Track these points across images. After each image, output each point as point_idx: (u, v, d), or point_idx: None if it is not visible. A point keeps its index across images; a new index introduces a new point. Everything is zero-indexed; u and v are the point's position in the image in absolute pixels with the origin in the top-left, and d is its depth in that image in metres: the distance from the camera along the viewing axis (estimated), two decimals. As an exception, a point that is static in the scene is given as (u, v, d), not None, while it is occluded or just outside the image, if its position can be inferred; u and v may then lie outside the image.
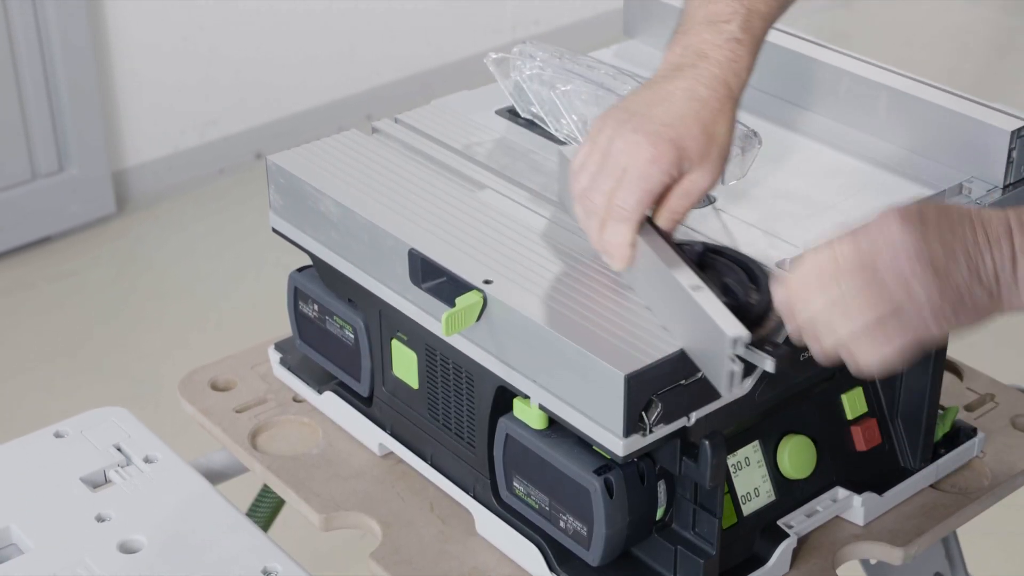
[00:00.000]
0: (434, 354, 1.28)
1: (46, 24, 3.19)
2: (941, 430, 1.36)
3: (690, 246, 1.18)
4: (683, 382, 1.10)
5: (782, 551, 1.23)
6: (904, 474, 1.33)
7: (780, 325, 1.10)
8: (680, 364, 1.10)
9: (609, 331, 1.12)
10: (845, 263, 1.02)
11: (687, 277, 1.11)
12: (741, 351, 1.06)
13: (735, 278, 1.16)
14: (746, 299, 1.13)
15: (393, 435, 1.37)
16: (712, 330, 1.07)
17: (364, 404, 1.40)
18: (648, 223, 1.17)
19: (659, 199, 1.16)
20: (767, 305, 1.11)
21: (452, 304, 1.19)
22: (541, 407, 1.16)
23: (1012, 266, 1.02)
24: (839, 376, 1.29)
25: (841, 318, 1.02)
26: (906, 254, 1.00)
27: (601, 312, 1.14)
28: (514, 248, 1.23)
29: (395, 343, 1.32)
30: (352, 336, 1.36)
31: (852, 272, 1.01)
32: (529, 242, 1.24)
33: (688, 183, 1.15)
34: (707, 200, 1.28)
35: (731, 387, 1.07)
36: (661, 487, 1.18)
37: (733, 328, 1.06)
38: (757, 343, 1.09)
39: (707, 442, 1.14)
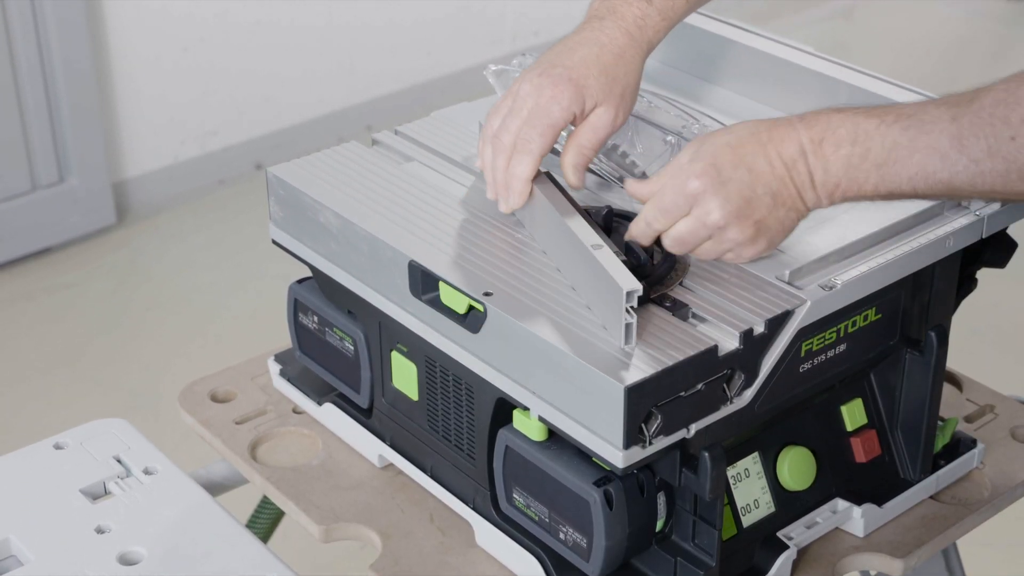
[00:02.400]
0: (434, 366, 1.28)
1: (46, 35, 3.19)
2: (941, 441, 1.36)
3: (596, 210, 1.25)
4: (683, 394, 1.10)
5: (782, 562, 1.23)
6: (904, 485, 1.33)
7: (680, 280, 1.19)
8: (680, 376, 1.10)
9: (609, 343, 1.12)
10: (664, 217, 1.18)
11: (586, 233, 1.17)
12: (635, 303, 1.10)
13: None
14: (648, 259, 1.19)
15: (393, 446, 1.37)
16: (609, 284, 1.11)
17: (364, 415, 1.40)
18: (552, 183, 1.25)
19: (571, 136, 1.26)
20: (669, 265, 1.19)
21: (452, 316, 1.20)
22: (541, 419, 1.17)
23: (811, 182, 1.14)
24: (839, 388, 1.29)
25: (677, 246, 1.18)
26: (712, 212, 1.14)
27: (601, 324, 1.14)
28: (514, 260, 1.23)
29: (395, 355, 1.32)
30: (352, 348, 1.36)
31: (670, 219, 1.18)
32: (529, 254, 1.24)
33: (593, 118, 1.25)
34: (638, 174, 1.32)
35: (628, 340, 1.10)
36: (661, 499, 1.18)
37: (628, 282, 1.10)
38: (659, 299, 1.16)
39: (707, 454, 1.14)
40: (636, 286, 1.10)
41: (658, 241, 1.23)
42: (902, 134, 1.12)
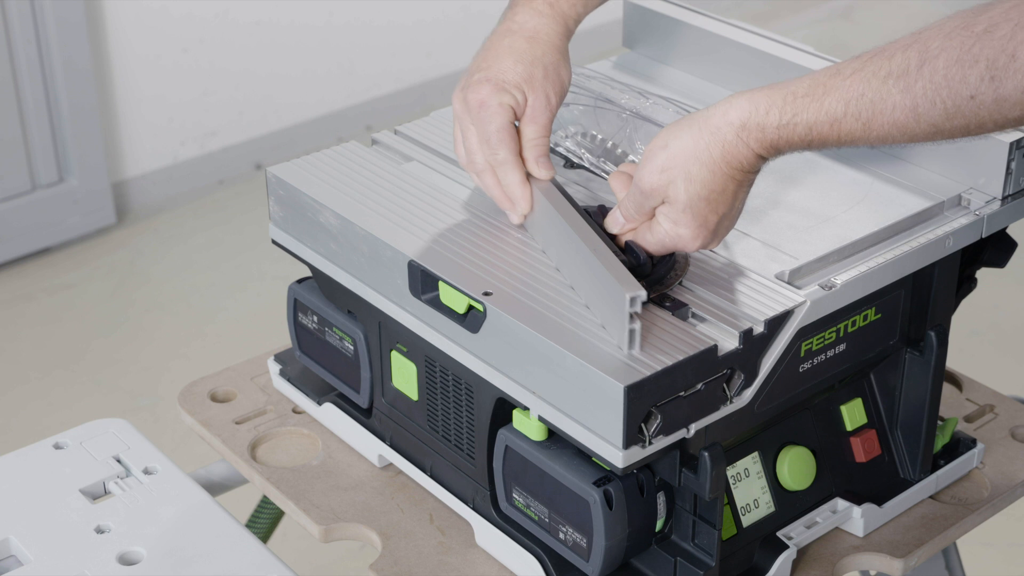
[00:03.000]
0: (434, 365, 1.28)
1: (46, 35, 3.20)
2: (941, 441, 1.36)
3: (588, 207, 1.24)
4: (682, 394, 1.10)
5: (782, 562, 1.23)
6: (904, 485, 1.33)
7: (679, 280, 1.19)
8: (680, 376, 1.10)
9: (608, 343, 1.12)
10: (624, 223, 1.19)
11: (588, 235, 1.17)
12: (638, 309, 1.09)
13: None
14: (647, 259, 1.18)
15: (392, 446, 1.37)
16: (611, 288, 1.11)
17: (364, 415, 1.40)
18: (553, 185, 1.25)
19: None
20: (669, 265, 1.19)
21: (452, 315, 1.20)
22: (540, 419, 1.17)
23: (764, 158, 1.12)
24: (839, 387, 1.29)
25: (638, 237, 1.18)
26: (680, 222, 1.15)
27: (600, 324, 1.14)
28: (513, 260, 1.23)
29: (395, 354, 1.32)
30: (352, 347, 1.36)
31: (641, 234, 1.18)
32: (528, 254, 1.24)
33: (529, 109, 1.25)
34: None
35: (632, 345, 1.10)
36: (660, 498, 1.18)
37: (631, 287, 1.09)
38: (658, 299, 1.15)
39: (706, 453, 1.14)
40: (639, 291, 1.09)
41: None
42: (855, 123, 1.08)
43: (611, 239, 1.20)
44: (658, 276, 1.18)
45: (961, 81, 1.03)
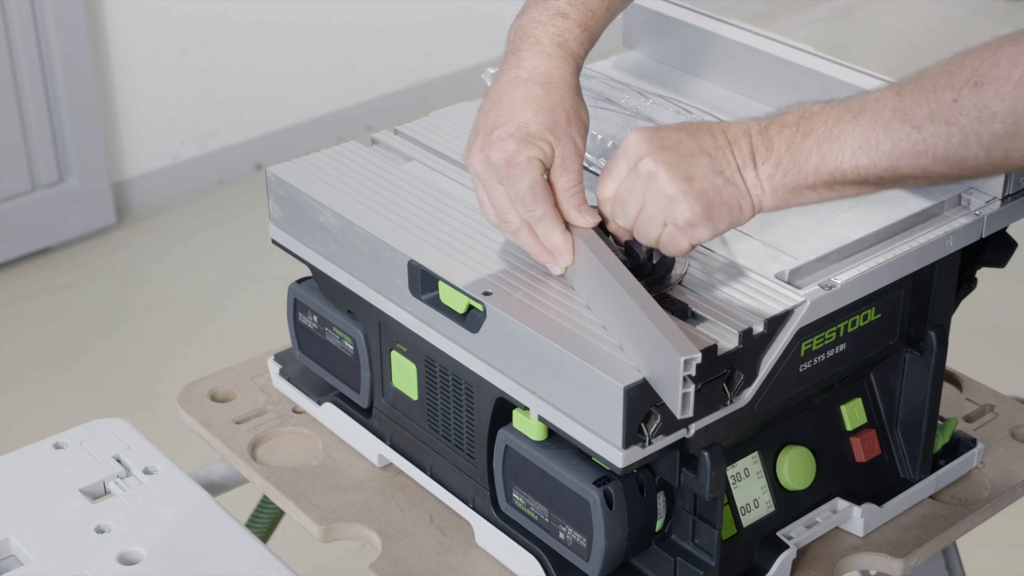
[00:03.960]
0: (433, 365, 1.28)
1: (46, 35, 3.20)
2: (941, 441, 1.36)
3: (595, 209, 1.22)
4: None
5: (781, 562, 1.23)
6: (904, 485, 1.33)
7: (680, 280, 1.18)
8: (679, 375, 1.10)
9: (608, 343, 1.12)
10: (609, 180, 1.16)
11: (636, 292, 1.12)
12: (692, 372, 1.05)
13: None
14: (647, 259, 1.18)
15: (392, 446, 1.37)
16: (663, 349, 1.06)
17: (364, 415, 1.40)
18: (597, 231, 1.19)
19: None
20: (669, 265, 1.18)
21: (452, 315, 1.20)
22: (540, 418, 1.17)
23: (752, 161, 1.12)
24: (839, 387, 1.29)
25: (620, 210, 1.15)
26: (644, 158, 1.11)
27: (600, 324, 1.14)
28: (513, 260, 1.23)
29: (395, 354, 1.32)
30: (352, 347, 1.36)
31: (616, 181, 1.15)
32: (527, 254, 1.24)
33: (558, 159, 1.19)
34: None
35: (684, 410, 1.06)
36: (660, 498, 1.18)
37: (686, 349, 1.05)
38: (658, 299, 1.13)
39: (706, 453, 1.14)
40: (695, 354, 1.04)
41: None
42: (846, 112, 1.10)
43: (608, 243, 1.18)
44: (658, 276, 1.18)
45: (946, 84, 1.05)
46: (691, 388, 1.06)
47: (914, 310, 1.28)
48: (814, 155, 1.10)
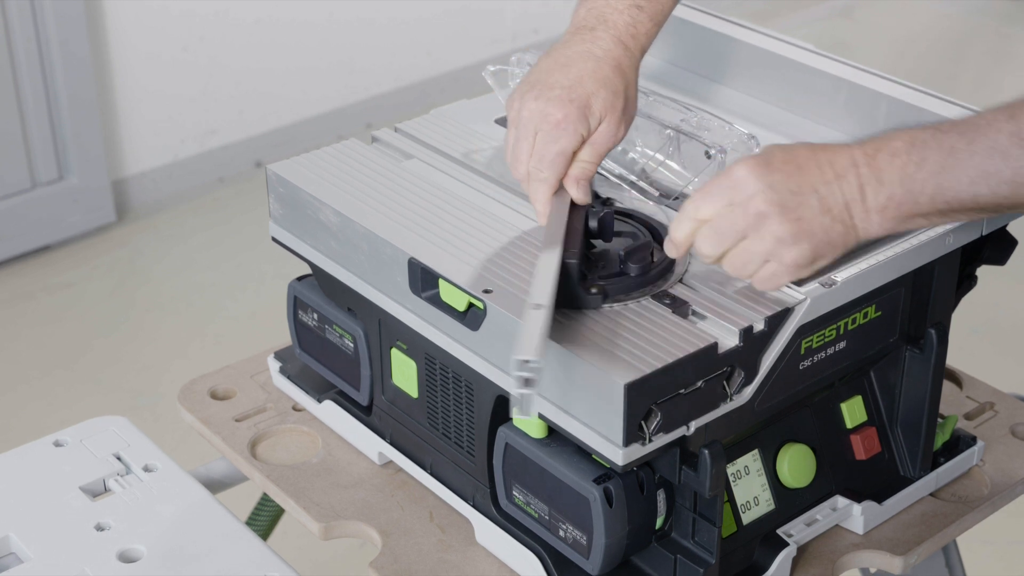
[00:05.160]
0: (434, 363, 1.28)
1: (46, 33, 3.19)
2: (941, 439, 1.36)
3: (599, 208, 1.24)
4: (682, 391, 1.10)
5: (782, 560, 1.23)
6: (904, 483, 1.33)
7: (680, 278, 1.19)
8: (680, 373, 1.10)
9: (609, 340, 1.12)
10: (706, 204, 1.13)
11: (544, 279, 1.13)
12: (528, 375, 1.03)
13: (642, 239, 1.22)
14: (649, 260, 1.19)
15: (392, 444, 1.37)
16: (517, 344, 1.05)
17: (364, 413, 1.40)
18: (570, 208, 1.23)
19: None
20: (670, 262, 1.19)
21: (452, 313, 1.20)
22: (541, 416, 1.16)
23: (861, 195, 1.11)
24: (839, 385, 1.29)
25: (713, 236, 1.13)
26: (755, 196, 1.10)
27: (600, 321, 1.14)
28: (514, 257, 1.23)
29: (395, 352, 1.32)
30: (352, 345, 1.36)
31: (714, 208, 1.13)
32: (528, 251, 1.24)
33: (596, 136, 1.24)
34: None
35: (522, 409, 1.05)
36: (660, 496, 1.18)
37: (524, 349, 1.04)
38: (659, 297, 1.16)
39: (706, 451, 1.14)
40: (528, 355, 1.03)
41: (658, 240, 1.23)
42: (959, 138, 1.08)
43: (613, 241, 1.19)
44: (659, 274, 1.18)
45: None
46: (529, 391, 1.04)
47: (914, 308, 1.28)
48: (929, 185, 1.09)
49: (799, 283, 1.17)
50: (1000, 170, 1.07)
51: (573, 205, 1.24)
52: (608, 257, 1.21)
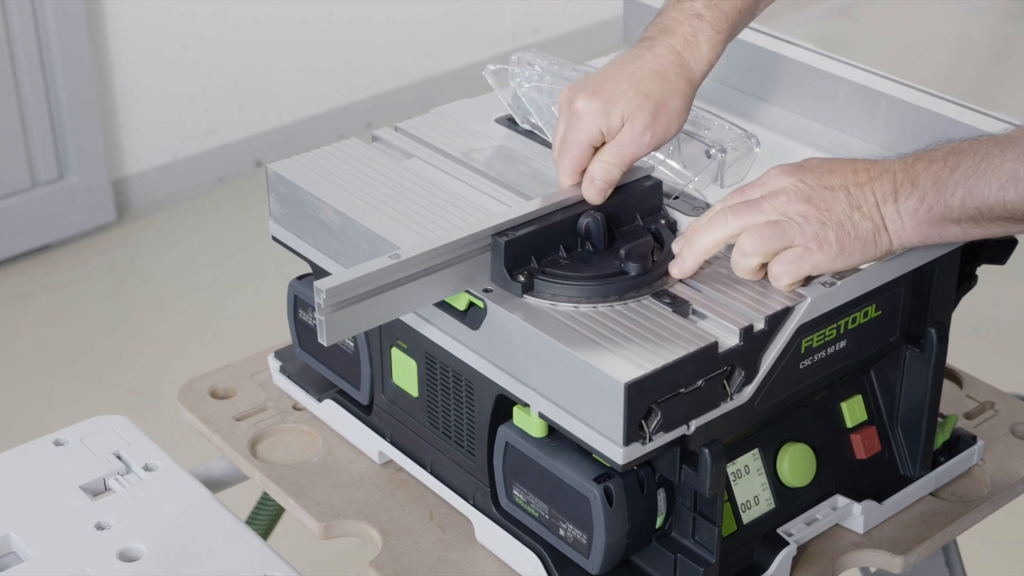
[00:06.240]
0: (434, 362, 1.28)
1: (46, 32, 3.20)
2: (941, 438, 1.36)
3: (593, 213, 1.24)
4: (683, 391, 1.10)
5: (782, 559, 1.23)
6: (904, 482, 1.33)
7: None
8: (680, 373, 1.10)
9: (609, 339, 1.12)
10: (739, 206, 1.17)
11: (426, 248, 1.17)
12: (319, 300, 1.11)
13: (644, 240, 1.22)
14: (650, 260, 1.20)
15: (393, 443, 1.37)
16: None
17: (364, 412, 1.40)
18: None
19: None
20: (668, 259, 1.20)
21: (452, 312, 1.20)
22: (541, 415, 1.17)
23: (894, 198, 1.13)
24: (839, 384, 1.29)
25: (743, 249, 1.16)
26: (785, 193, 1.14)
27: (601, 320, 1.14)
28: (514, 256, 1.23)
29: (395, 351, 1.32)
30: (352, 344, 1.36)
31: (745, 211, 1.16)
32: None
33: (620, 137, 1.24)
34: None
35: (319, 335, 1.13)
36: (661, 495, 1.18)
37: (327, 282, 1.11)
38: (659, 295, 1.17)
39: (706, 450, 1.14)
40: (325, 284, 1.11)
41: (658, 240, 1.23)
42: (994, 146, 1.11)
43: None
44: (660, 272, 1.18)
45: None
46: (321, 317, 1.13)
47: (914, 307, 1.28)
48: (960, 188, 1.11)
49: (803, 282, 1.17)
50: None
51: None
52: (598, 257, 1.21)
